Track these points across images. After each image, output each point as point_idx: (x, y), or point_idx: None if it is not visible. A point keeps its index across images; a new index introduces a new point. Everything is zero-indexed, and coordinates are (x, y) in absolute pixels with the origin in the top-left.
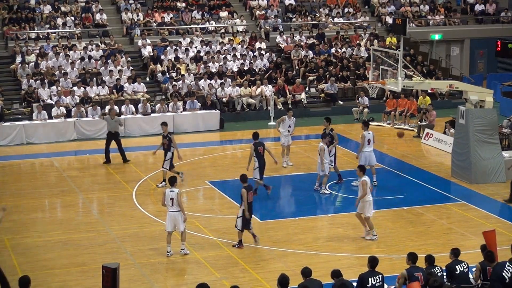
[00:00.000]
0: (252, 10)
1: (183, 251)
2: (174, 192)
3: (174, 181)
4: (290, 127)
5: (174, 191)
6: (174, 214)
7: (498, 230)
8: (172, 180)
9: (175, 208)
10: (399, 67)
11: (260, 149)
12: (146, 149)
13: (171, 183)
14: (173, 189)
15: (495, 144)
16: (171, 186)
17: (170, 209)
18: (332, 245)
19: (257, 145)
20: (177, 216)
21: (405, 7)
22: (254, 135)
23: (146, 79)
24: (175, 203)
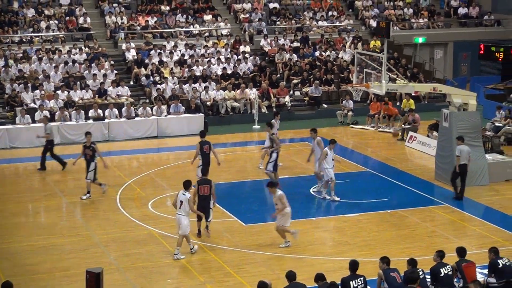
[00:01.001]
0: (236, 13)
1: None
2: (185, 196)
3: (189, 186)
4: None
5: (186, 195)
6: (179, 217)
7: (482, 233)
8: (186, 184)
9: (181, 211)
10: (383, 70)
11: (206, 148)
12: (130, 153)
13: (186, 187)
14: (185, 193)
15: (479, 147)
16: (184, 190)
17: (177, 211)
18: (316, 248)
19: (203, 144)
20: (182, 220)
21: (388, 10)
22: (201, 133)
23: (130, 82)
24: (183, 207)
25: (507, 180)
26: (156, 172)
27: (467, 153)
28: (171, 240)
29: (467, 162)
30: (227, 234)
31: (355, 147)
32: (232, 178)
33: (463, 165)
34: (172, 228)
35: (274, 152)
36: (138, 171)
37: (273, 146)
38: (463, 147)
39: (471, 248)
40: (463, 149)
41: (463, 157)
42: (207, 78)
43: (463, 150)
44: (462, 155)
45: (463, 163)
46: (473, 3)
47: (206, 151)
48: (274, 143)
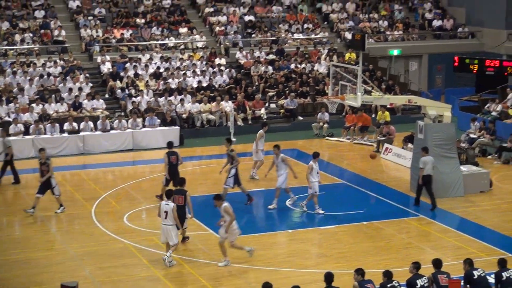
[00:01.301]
0: (212, 26)
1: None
2: (169, 206)
3: (170, 195)
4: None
5: (169, 204)
6: (167, 227)
7: (457, 244)
8: (168, 194)
9: (168, 221)
10: (358, 82)
11: (173, 159)
12: (106, 166)
13: (168, 196)
14: (168, 203)
15: (453, 158)
16: (167, 199)
17: (163, 222)
18: (293, 260)
19: (170, 154)
20: (170, 229)
21: (363, 23)
22: (168, 144)
23: (105, 95)
24: (169, 216)
25: (482, 192)
26: (131, 185)
27: (431, 164)
28: (147, 253)
29: (431, 173)
30: (203, 247)
31: (331, 159)
32: (208, 191)
33: (427, 176)
34: (148, 241)
35: (233, 168)
36: (114, 184)
37: (233, 163)
38: (427, 158)
39: (447, 259)
40: (427, 160)
41: (427, 168)
42: (182, 91)
43: (427, 162)
44: (426, 167)
45: (427, 174)
46: (447, 16)
47: (173, 161)
48: (233, 160)
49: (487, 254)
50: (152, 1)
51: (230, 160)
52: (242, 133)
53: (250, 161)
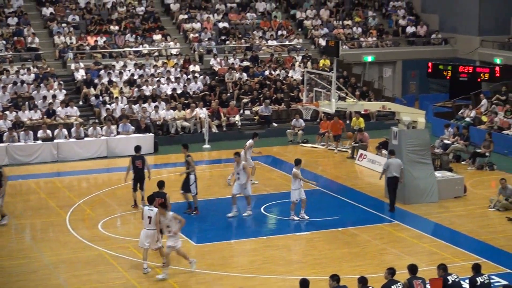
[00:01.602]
0: (186, 33)
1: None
2: (153, 211)
3: (153, 200)
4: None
5: (152, 210)
6: (151, 232)
7: (431, 250)
8: (150, 199)
9: (152, 226)
10: (333, 89)
11: (138, 163)
12: (80, 173)
13: (150, 202)
14: (151, 208)
15: (428, 164)
16: (149, 205)
17: (147, 227)
18: (268, 267)
19: (135, 158)
20: (154, 234)
21: (337, 29)
22: (135, 149)
23: (79, 103)
24: (153, 222)
25: (456, 197)
26: (106, 192)
27: (397, 166)
28: (122, 260)
29: (397, 174)
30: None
31: (305, 165)
32: (182, 198)
33: (392, 177)
34: (123, 249)
35: (191, 174)
36: (88, 191)
37: (188, 168)
38: (392, 161)
39: (422, 264)
40: (392, 163)
41: (391, 170)
42: (156, 98)
43: (392, 164)
44: (390, 168)
45: (393, 176)
46: (420, 22)
47: (139, 166)
48: (189, 165)
49: (462, 259)
50: (126, 8)
51: (187, 166)
52: (216, 139)
53: (225, 168)
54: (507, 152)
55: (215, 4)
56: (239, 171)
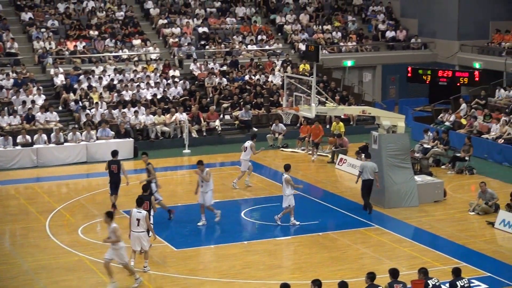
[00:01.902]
0: (166, 38)
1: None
2: (141, 213)
3: (142, 202)
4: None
5: (141, 212)
6: (140, 235)
7: (412, 254)
8: (139, 202)
9: (140, 228)
10: (312, 93)
11: (113, 167)
12: (60, 179)
13: (139, 204)
14: (140, 210)
15: (408, 168)
16: (138, 207)
17: (135, 229)
18: (248, 272)
19: (111, 163)
20: (142, 236)
21: (317, 34)
22: (112, 153)
23: (58, 108)
24: (141, 224)
25: (436, 201)
26: (86, 198)
27: (371, 169)
28: (101, 265)
29: (372, 177)
30: (158, 259)
31: None
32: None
33: (367, 180)
34: (103, 254)
35: (153, 182)
36: (68, 197)
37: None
38: (367, 163)
39: (402, 269)
40: (367, 165)
41: (366, 172)
42: (136, 103)
43: (367, 166)
44: (365, 171)
45: (367, 179)
46: (400, 27)
47: (114, 170)
48: (149, 173)
49: (442, 263)
50: (105, 13)
51: (148, 174)
52: (196, 144)
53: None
54: (486, 156)
55: (195, 9)
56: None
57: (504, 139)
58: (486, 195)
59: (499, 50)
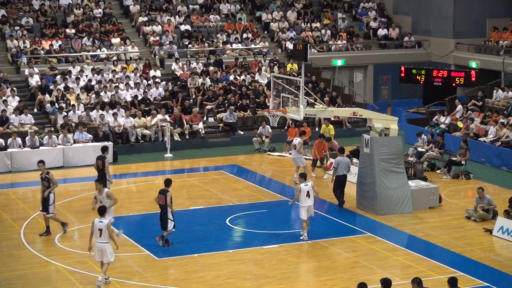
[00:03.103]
0: (146, 36)
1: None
2: (103, 223)
3: (104, 211)
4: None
5: (103, 221)
6: (102, 246)
7: (406, 263)
8: (101, 210)
9: (103, 239)
10: (301, 94)
11: (99, 163)
12: (35, 184)
13: (101, 213)
14: (102, 220)
15: (401, 173)
16: (100, 217)
17: (98, 240)
18: (233, 282)
19: (97, 159)
20: (105, 247)
21: (306, 32)
22: (101, 149)
23: (34, 110)
24: (103, 234)
25: (431, 208)
26: (62, 204)
27: (345, 165)
28: (79, 276)
29: (346, 173)
30: (138, 269)
31: (273, 175)
32: (143, 210)
33: (342, 176)
34: (81, 263)
35: (51, 193)
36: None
37: (51, 185)
38: (342, 159)
39: (396, 278)
40: (341, 161)
41: (340, 168)
42: (115, 105)
43: (341, 162)
44: (340, 166)
45: (342, 174)
46: (392, 25)
47: (99, 166)
48: (49, 183)
49: (437, 272)
50: (82, 10)
51: (46, 183)
52: (179, 148)
53: (187, 178)
54: (483, 160)
55: (177, 6)
56: (102, 200)
57: (502, 142)
58: (484, 201)
59: (497, 48)
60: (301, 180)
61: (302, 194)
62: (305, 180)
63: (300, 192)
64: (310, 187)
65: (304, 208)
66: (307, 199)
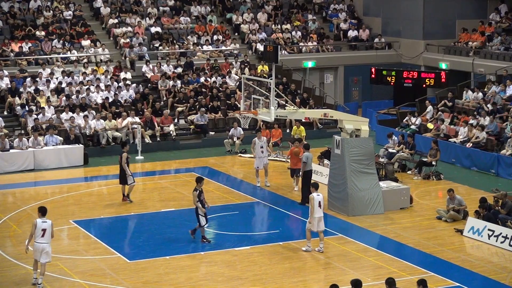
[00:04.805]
0: (116, 38)
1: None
2: (47, 223)
3: (45, 212)
4: (262, 148)
5: (46, 222)
6: (44, 246)
7: (377, 264)
8: (43, 210)
9: (45, 240)
10: (272, 96)
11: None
12: (5, 187)
13: (43, 213)
14: (45, 220)
15: (372, 174)
16: (42, 217)
17: (38, 240)
18: (206, 284)
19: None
20: (47, 247)
21: (276, 33)
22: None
23: (3, 112)
24: (46, 235)
25: (402, 208)
26: (33, 207)
27: (311, 159)
28: (51, 279)
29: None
30: (110, 272)
31: (245, 177)
32: (115, 212)
33: (309, 170)
34: (52, 267)
35: None
36: (14, 206)
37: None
38: (310, 154)
39: (367, 279)
40: (310, 156)
41: (309, 163)
42: (86, 107)
43: (310, 156)
44: (309, 161)
45: (309, 169)
46: (363, 26)
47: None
48: None
49: (409, 273)
50: (52, 12)
51: None
52: (150, 150)
53: (159, 180)
54: (454, 160)
55: (147, 8)
56: None
57: (472, 142)
58: (454, 201)
59: (466, 50)
60: (313, 190)
61: (314, 204)
62: (316, 190)
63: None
64: (322, 198)
65: (315, 219)
66: (319, 210)
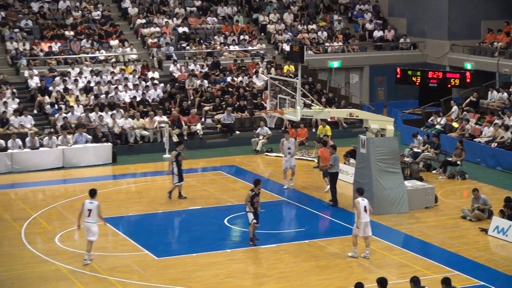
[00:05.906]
0: (144, 38)
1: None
2: (93, 204)
3: (95, 193)
4: (290, 149)
5: (93, 203)
6: (90, 225)
7: (402, 262)
8: (92, 192)
9: (91, 219)
10: (297, 95)
11: None
12: (35, 185)
13: (92, 195)
14: (92, 201)
15: (397, 173)
16: (91, 198)
17: (86, 219)
18: (232, 281)
19: None
20: (92, 227)
21: (302, 34)
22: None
23: (33, 111)
24: (92, 214)
25: (427, 207)
26: (63, 204)
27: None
28: (80, 275)
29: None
30: (138, 268)
31: (271, 175)
32: (143, 210)
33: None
34: (81, 263)
35: None
36: (44, 204)
37: None
38: (337, 156)
39: (392, 278)
40: (337, 158)
41: (337, 164)
42: (114, 106)
43: (337, 159)
44: (336, 163)
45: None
46: (388, 26)
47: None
48: None
49: (433, 271)
50: (81, 12)
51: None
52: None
53: (186, 178)
54: (479, 160)
55: (174, 8)
56: None
57: (497, 142)
58: (479, 201)
59: (491, 50)
60: (358, 195)
61: (360, 209)
62: (360, 195)
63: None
64: (367, 202)
65: (361, 224)
66: (365, 215)
